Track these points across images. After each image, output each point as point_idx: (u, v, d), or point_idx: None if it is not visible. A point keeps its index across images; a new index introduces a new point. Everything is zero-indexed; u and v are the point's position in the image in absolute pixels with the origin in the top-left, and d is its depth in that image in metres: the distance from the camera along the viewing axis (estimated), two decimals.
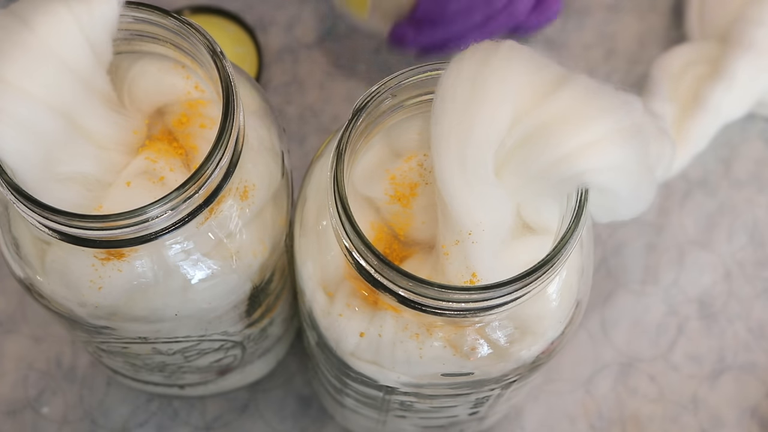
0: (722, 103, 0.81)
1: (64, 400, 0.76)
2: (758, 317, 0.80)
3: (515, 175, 0.50)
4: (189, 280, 0.56)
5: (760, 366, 0.79)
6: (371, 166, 0.55)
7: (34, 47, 0.50)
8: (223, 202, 0.55)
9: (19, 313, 0.78)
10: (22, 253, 0.56)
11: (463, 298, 0.48)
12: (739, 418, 0.77)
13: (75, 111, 0.52)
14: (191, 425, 0.76)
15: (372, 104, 0.52)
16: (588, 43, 0.89)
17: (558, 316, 0.55)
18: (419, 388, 0.57)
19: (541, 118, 0.49)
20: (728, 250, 0.82)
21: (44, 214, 0.50)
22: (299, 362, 0.78)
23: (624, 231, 0.82)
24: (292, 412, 0.77)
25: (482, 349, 0.54)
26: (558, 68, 0.50)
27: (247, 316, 0.63)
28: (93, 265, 0.54)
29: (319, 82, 0.86)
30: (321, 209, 0.56)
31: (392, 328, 0.53)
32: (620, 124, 0.49)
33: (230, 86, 0.52)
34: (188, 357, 0.65)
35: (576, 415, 0.77)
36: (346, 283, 0.54)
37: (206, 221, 0.54)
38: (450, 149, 0.49)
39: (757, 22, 0.81)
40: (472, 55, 0.50)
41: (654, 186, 0.53)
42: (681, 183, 0.84)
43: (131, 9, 0.54)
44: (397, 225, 0.54)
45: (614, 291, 0.80)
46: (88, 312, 0.56)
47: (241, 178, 0.56)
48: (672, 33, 0.89)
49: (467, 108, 0.49)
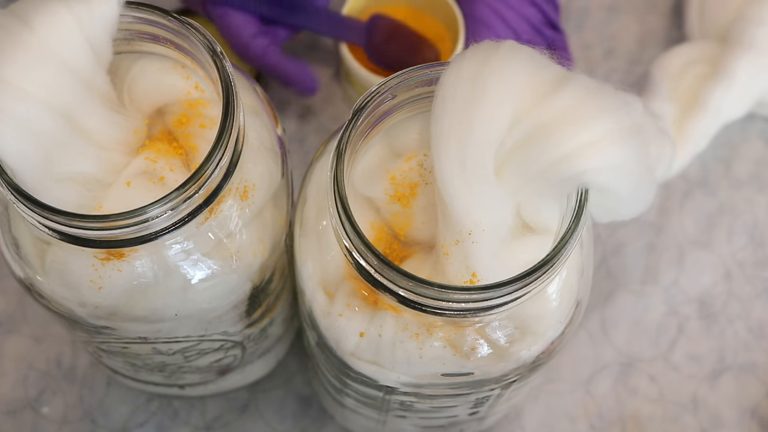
0: (722, 103, 0.81)
1: (64, 400, 0.76)
2: (758, 317, 0.80)
3: (515, 175, 0.50)
4: (189, 280, 0.56)
5: (760, 366, 0.79)
6: (371, 166, 0.55)
7: (34, 47, 0.50)
8: (223, 202, 0.55)
9: (19, 313, 0.78)
10: (22, 253, 0.56)
11: (463, 298, 0.48)
12: (739, 418, 0.77)
13: (75, 111, 0.52)
14: (191, 425, 0.76)
15: (372, 104, 0.52)
16: (588, 43, 0.89)
17: (558, 316, 0.55)
18: (419, 388, 0.57)
19: (541, 118, 0.49)
20: (728, 250, 0.82)
21: (44, 214, 0.49)
22: (299, 362, 0.78)
23: (624, 231, 0.82)
24: (292, 412, 0.77)
25: (482, 349, 0.54)
26: (558, 68, 0.50)
27: (247, 316, 0.63)
28: (93, 265, 0.54)
29: (319, 82, 0.86)
30: (321, 209, 0.56)
31: (392, 328, 0.53)
32: (620, 124, 0.49)
33: (230, 86, 0.52)
34: (188, 357, 0.65)
35: (576, 415, 0.77)
36: (346, 283, 0.54)
37: (206, 221, 0.54)
38: (450, 149, 0.49)
39: (757, 22, 0.81)
40: (473, 55, 0.50)
41: (654, 186, 0.53)
42: (681, 183, 0.84)
43: (131, 9, 0.54)
44: (397, 225, 0.54)
45: (614, 291, 0.80)
46: (88, 312, 0.56)
47: (241, 178, 0.56)
48: (672, 33, 0.89)
49: (467, 108, 0.49)
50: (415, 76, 0.53)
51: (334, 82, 0.86)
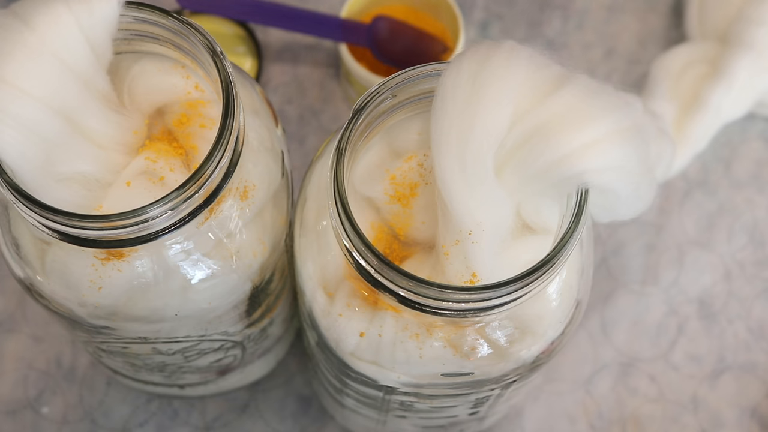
0: (722, 103, 0.81)
1: (64, 400, 0.76)
2: (758, 317, 0.80)
3: (515, 175, 0.50)
4: (189, 280, 0.56)
5: (760, 366, 0.79)
6: (371, 166, 0.55)
7: (35, 47, 0.50)
8: (223, 202, 0.55)
9: (19, 313, 0.78)
10: (22, 253, 0.56)
11: (463, 298, 0.48)
12: (739, 418, 0.77)
13: (75, 111, 0.52)
14: (191, 425, 0.76)
15: (372, 104, 0.52)
16: (588, 43, 0.89)
17: (558, 316, 0.55)
18: (419, 388, 0.57)
19: (541, 118, 0.49)
20: (728, 250, 0.82)
21: (44, 214, 0.49)
22: (299, 362, 0.78)
23: (624, 231, 0.82)
24: (292, 412, 0.77)
25: (482, 349, 0.54)
26: (558, 68, 0.50)
27: (247, 316, 0.63)
28: (93, 265, 0.54)
29: (319, 82, 0.86)
30: (321, 209, 0.56)
31: (392, 328, 0.53)
32: (620, 125, 0.49)
33: (230, 86, 0.52)
34: (188, 357, 0.65)
35: (576, 415, 0.77)
36: (346, 283, 0.54)
37: (206, 221, 0.54)
38: (450, 149, 0.49)
39: (757, 22, 0.81)
40: (473, 54, 0.50)
41: (654, 186, 0.53)
42: (681, 183, 0.84)
43: (131, 9, 0.54)
44: (397, 225, 0.54)
45: (614, 291, 0.80)
46: (88, 312, 0.56)
47: (241, 178, 0.56)
48: (672, 33, 0.89)
49: (467, 108, 0.49)
50: (415, 76, 0.53)
51: (334, 82, 0.86)
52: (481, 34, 0.89)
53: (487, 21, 0.89)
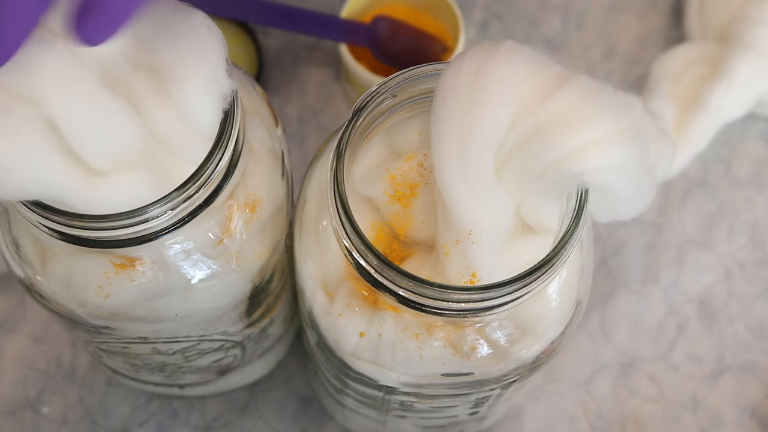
0: (722, 103, 0.81)
1: (64, 400, 0.76)
2: (758, 317, 0.80)
3: (515, 175, 0.50)
4: (189, 280, 0.56)
5: (760, 366, 0.79)
6: (371, 166, 0.55)
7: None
8: (222, 202, 0.55)
9: (19, 313, 0.78)
10: (22, 253, 0.56)
11: (463, 298, 0.48)
12: (739, 418, 0.77)
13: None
14: (191, 425, 0.76)
15: (372, 104, 0.52)
16: (588, 43, 0.89)
17: (558, 316, 0.55)
18: (419, 388, 0.57)
19: (541, 118, 0.49)
20: (728, 250, 0.82)
21: (44, 214, 0.49)
22: (299, 362, 0.78)
23: (624, 231, 0.82)
24: (292, 412, 0.77)
25: (482, 349, 0.54)
26: (558, 68, 0.50)
27: (247, 316, 0.63)
28: (105, 272, 0.54)
29: (319, 82, 0.86)
30: (321, 209, 0.56)
31: (392, 328, 0.53)
32: (620, 125, 0.49)
33: None
34: (188, 357, 0.65)
35: (576, 415, 0.77)
36: (346, 283, 0.54)
37: (206, 221, 0.54)
38: (450, 149, 0.49)
39: (757, 22, 0.81)
40: (473, 54, 0.50)
41: (654, 186, 0.53)
42: (681, 183, 0.84)
43: None
44: (397, 225, 0.54)
45: (614, 291, 0.80)
46: (88, 312, 0.56)
47: (240, 178, 0.56)
48: (672, 33, 0.89)
49: (467, 108, 0.49)
50: (415, 76, 0.53)
51: (334, 82, 0.86)
52: (481, 34, 0.89)
53: (487, 21, 0.89)
